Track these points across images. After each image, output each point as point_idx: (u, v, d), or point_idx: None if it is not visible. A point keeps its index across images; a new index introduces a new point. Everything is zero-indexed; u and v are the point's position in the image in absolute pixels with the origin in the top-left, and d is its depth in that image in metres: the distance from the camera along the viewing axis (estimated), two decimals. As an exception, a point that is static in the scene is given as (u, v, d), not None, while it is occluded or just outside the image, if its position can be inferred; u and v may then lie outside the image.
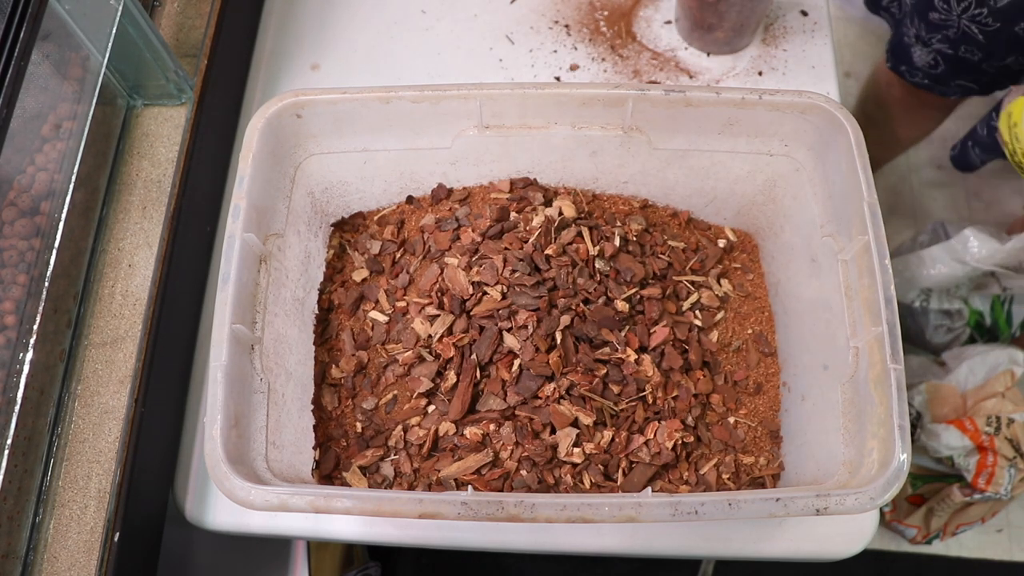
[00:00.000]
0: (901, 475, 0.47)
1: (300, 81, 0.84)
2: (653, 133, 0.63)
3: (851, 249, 0.56)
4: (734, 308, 0.69)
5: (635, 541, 0.65)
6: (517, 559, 1.27)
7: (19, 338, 0.55)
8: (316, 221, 0.69)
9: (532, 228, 0.64)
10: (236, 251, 0.54)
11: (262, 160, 0.58)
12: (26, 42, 0.51)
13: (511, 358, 0.60)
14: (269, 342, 0.58)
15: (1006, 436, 1.13)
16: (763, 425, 0.64)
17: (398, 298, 0.67)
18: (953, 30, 0.97)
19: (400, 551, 1.23)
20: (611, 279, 0.64)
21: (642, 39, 0.87)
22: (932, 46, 1.02)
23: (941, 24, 0.98)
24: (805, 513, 0.47)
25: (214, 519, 0.65)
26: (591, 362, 0.60)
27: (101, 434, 0.59)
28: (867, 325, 0.53)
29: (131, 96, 0.70)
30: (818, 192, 0.62)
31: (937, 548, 1.37)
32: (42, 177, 0.58)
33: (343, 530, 0.65)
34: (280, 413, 0.58)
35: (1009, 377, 1.17)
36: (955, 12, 0.94)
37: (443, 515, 0.46)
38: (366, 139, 0.64)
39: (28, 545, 0.55)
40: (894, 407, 0.49)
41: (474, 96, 0.60)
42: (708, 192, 0.70)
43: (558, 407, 0.58)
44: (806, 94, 0.59)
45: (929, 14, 0.99)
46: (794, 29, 0.87)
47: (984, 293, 1.30)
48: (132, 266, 0.64)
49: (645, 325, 0.63)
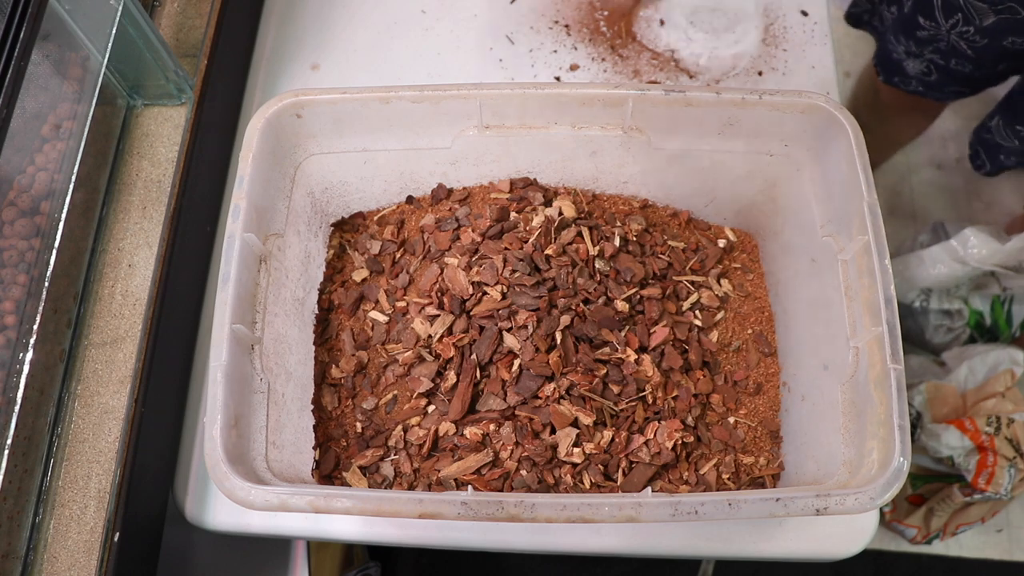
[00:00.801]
0: (901, 475, 0.47)
1: (300, 81, 0.84)
2: (653, 133, 0.63)
3: (851, 249, 0.56)
4: (734, 308, 0.69)
5: (635, 541, 0.65)
6: (517, 559, 1.27)
7: (19, 338, 0.55)
8: (316, 221, 0.69)
9: (532, 228, 0.64)
10: (236, 251, 0.54)
11: (262, 160, 0.58)
12: (26, 42, 0.51)
13: (511, 358, 0.60)
14: (269, 342, 0.57)
15: (1006, 436, 1.13)
16: (763, 425, 0.64)
17: (398, 298, 0.67)
18: (943, 43, 0.98)
19: (400, 551, 1.23)
20: (611, 279, 0.64)
21: (642, 39, 0.87)
22: (924, 56, 1.03)
23: (930, 39, 0.99)
24: (805, 513, 0.47)
25: (214, 519, 0.65)
26: (591, 362, 0.60)
27: (101, 434, 0.59)
28: (867, 325, 0.53)
29: (131, 96, 0.70)
30: (818, 192, 0.62)
31: (937, 548, 1.37)
32: (42, 177, 0.58)
33: (343, 530, 0.65)
34: (280, 413, 0.58)
35: (1009, 377, 1.17)
36: (944, 28, 0.95)
37: (443, 515, 0.46)
38: (366, 139, 0.64)
39: (28, 545, 0.55)
40: (894, 407, 0.49)
41: (474, 96, 0.60)
42: (708, 192, 0.70)
43: (558, 407, 0.58)
44: (806, 94, 0.59)
45: (916, 32, 0.99)
46: (794, 29, 0.87)
47: (984, 293, 1.30)
48: (132, 266, 0.64)
49: (645, 325, 0.63)
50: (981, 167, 1.11)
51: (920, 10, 0.96)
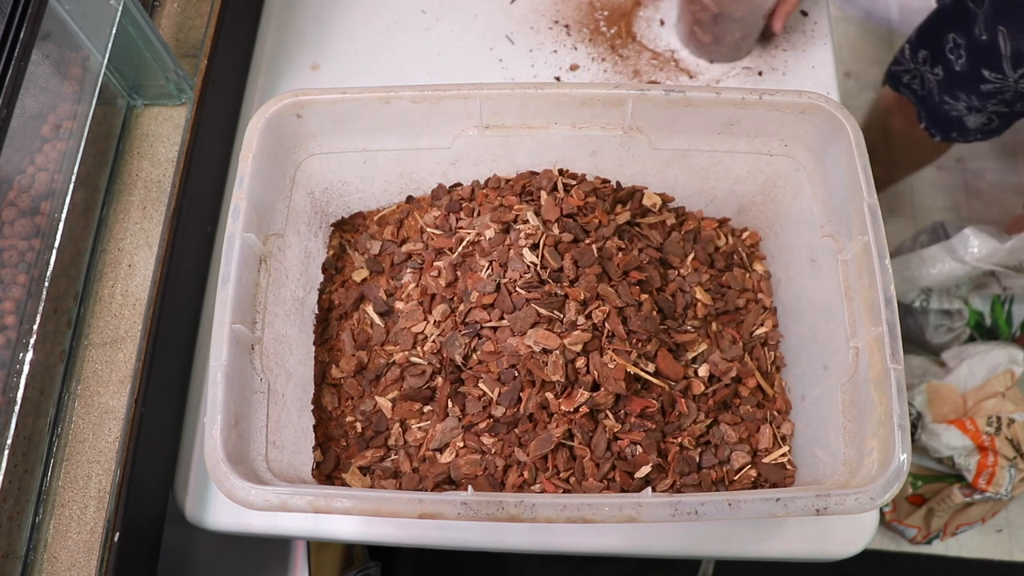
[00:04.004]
0: (901, 475, 0.47)
1: (300, 81, 0.84)
2: (653, 133, 0.63)
3: (851, 249, 0.56)
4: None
5: (635, 541, 0.65)
6: (517, 559, 1.27)
7: (19, 338, 0.55)
8: (316, 221, 0.69)
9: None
10: (236, 251, 0.54)
11: (262, 160, 0.58)
12: (26, 42, 0.51)
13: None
14: (269, 342, 0.57)
15: (1007, 436, 1.13)
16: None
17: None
18: (1010, 92, 0.96)
19: (400, 551, 1.23)
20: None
21: (642, 39, 0.87)
22: (987, 110, 1.01)
23: (996, 91, 0.97)
24: (805, 513, 0.47)
25: (214, 519, 0.65)
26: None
27: (101, 434, 0.59)
28: (867, 325, 0.53)
29: (131, 96, 0.70)
30: (818, 192, 0.62)
31: (937, 548, 1.37)
32: (42, 177, 0.58)
33: (343, 530, 0.65)
34: (280, 413, 0.58)
35: (1009, 377, 1.17)
36: (1011, 79, 0.93)
37: (443, 515, 0.46)
38: (366, 139, 0.64)
39: (28, 545, 0.55)
40: (894, 407, 0.49)
41: (474, 96, 0.59)
42: (708, 192, 0.70)
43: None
44: (806, 94, 0.59)
45: (981, 86, 0.97)
46: (794, 29, 0.87)
47: (984, 293, 1.30)
48: (132, 266, 0.64)
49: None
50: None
51: (983, 63, 0.95)
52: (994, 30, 0.91)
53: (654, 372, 0.59)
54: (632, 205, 0.68)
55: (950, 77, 1.01)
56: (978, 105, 1.01)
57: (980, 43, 0.94)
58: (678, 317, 0.65)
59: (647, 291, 0.62)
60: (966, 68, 0.97)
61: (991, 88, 0.97)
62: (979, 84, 0.97)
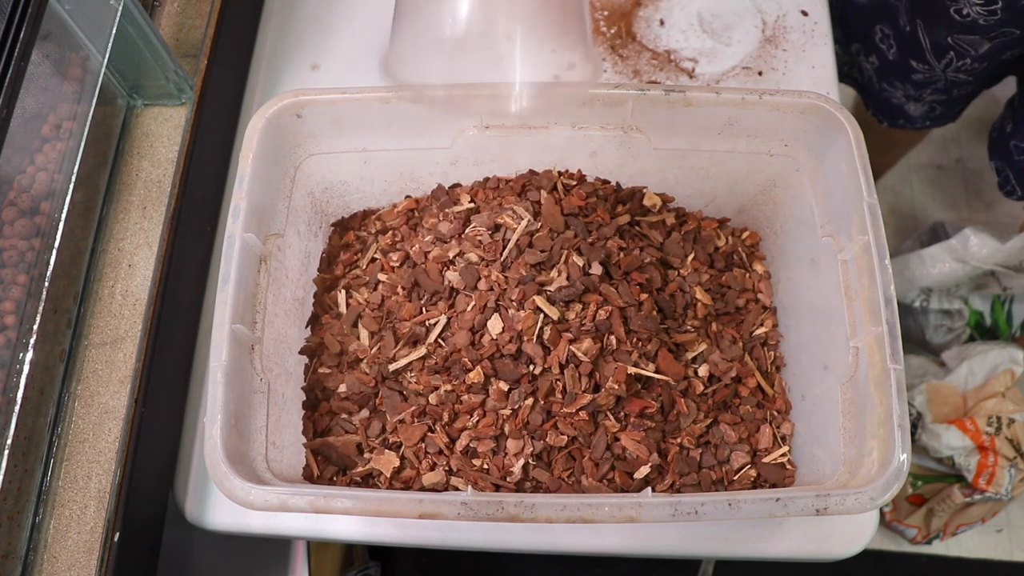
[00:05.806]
0: (901, 475, 0.47)
1: (300, 81, 0.84)
2: (653, 133, 0.63)
3: (851, 249, 0.56)
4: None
5: (635, 541, 0.65)
6: (517, 559, 1.27)
7: (19, 338, 0.55)
8: (316, 221, 0.69)
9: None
10: (236, 251, 0.54)
11: (262, 160, 0.58)
12: (26, 42, 0.51)
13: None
14: (269, 342, 0.58)
15: (1007, 436, 1.13)
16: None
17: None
18: (941, 82, 0.96)
19: (400, 551, 1.23)
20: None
21: (642, 39, 0.87)
22: (925, 99, 1.01)
23: (927, 81, 0.97)
24: (805, 513, 0.47)
25: (214, 519, 0.65)
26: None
27: (101, 434, 0.59)
28: (867, 325, 0.53)
29: (131, 96, 0.70)
30: (818, 192, 0.62)
31: (937, 548, 1.37)
32: (42, 177, 0.59)
33: (343, 530, 0.65)
34: (280, 413, 0.58)
35: (1009, 377, 1.17)
36: (938, 68, 0.93)
37: (443, 515, 0.46)
38: (366, 139, 0.64)
39: (28, 545, 0.56)
40: (894, 407, 0.49)
41: (475, 96, 0.59)
42: (708, 192, 0.70)
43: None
44: (806, 94, 0.59)
45: (912, 75, 0.97)
46: (794, 29, 0.87)
47: (984, 293, 1.30)
48: (132, 266, 0.64)
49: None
50: (1011, 193, 1.04)
51: (910, 54, 0.95)
52: (914, 23, 0.91)
53: (654, 372, 0.59)
54: (632, 205, 0.68)
55: (884, 66, 1.01)
56: (915, 94, 1.01)
57: (905, 34, 0.94)
58: (678, 317, 0.65)
59: (647, 291, 0.62)
60: (897, 58, 0.97)
61: (921, 78, 0.97)
62: (910, 74, 0.98)
